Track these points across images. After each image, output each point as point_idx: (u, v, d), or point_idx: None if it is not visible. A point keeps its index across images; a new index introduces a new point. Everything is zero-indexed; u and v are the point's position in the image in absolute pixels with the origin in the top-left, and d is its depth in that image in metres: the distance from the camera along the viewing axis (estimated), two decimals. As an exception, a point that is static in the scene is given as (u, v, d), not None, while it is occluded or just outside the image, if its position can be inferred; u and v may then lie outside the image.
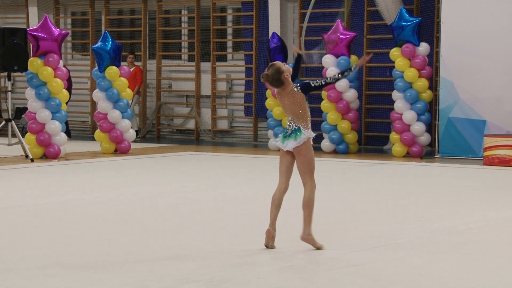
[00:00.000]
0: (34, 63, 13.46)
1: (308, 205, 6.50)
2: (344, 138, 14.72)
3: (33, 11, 18.62)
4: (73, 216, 8.11)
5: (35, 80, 13.46)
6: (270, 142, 15.32)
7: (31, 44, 13.72)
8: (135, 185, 10.42)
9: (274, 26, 16.56)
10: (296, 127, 6.59)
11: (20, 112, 17.11)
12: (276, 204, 6.54)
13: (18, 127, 13.65)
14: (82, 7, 18.87)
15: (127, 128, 14.53)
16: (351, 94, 14.63)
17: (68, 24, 19.22)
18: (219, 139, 17.40)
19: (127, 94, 14.63)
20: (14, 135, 13.48)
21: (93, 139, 15.15)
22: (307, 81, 6.64)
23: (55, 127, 13.42)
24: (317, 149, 15.02)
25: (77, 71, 18.33)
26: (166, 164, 13.05)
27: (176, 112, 18.21)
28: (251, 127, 17.34)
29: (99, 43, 14.45)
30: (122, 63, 14.89)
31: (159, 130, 18.20)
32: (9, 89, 13.89)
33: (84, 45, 18.99)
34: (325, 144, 14.82)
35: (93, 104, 17.30)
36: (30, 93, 13.54)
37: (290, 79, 6.59)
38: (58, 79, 13.54)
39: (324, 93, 14.78)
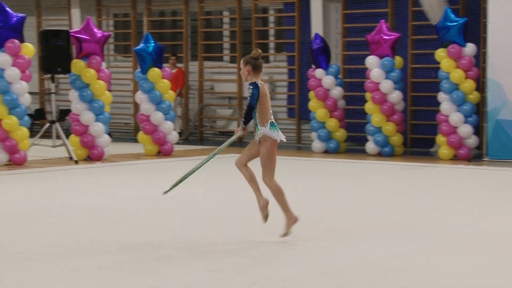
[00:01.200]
0: (77, 65, 13.64)
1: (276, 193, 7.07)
2: (389, 141, 14.65)
3: (75, 13, 18.85)
4: (117, 217, 8.19)
5: (78, 82, 13.64)
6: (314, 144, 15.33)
7: (74, 46, 13.90)
8: (177, 187, 10.47)
9: (316, 27, 16.56)
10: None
11: (64, 114, 17.33)
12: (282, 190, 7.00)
13: (62, 129, 13.82)
14: (124, 9, 19.06)
15: (170, 130, 14.64)
16: (395, 96, 14.56)
17: (110, 25, 19.43)
18: (262, 141, 17.41)
19: (170, 96, 14.75)
20: (58, 136, 13.67)
21: (136, 141, 15.29)
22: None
23: (98, 129, 13.58)
24: (362, 151, 15.01)
25: (120, 73, 18.52)
26: (208, 166, 13.09)
27: (218, 114, 18.29)
28: (294, 129, 17.34)
29: (141, 45, 14.58)
30: (164, 65, 15.01)
31: (202, 132, 18.29)
32: (53, 91, 14.09)
33: (126, 47, 19.17)
34: (370, 146, 14.77)
35: (136, 106, 17.46)
36: (73, 95, 13.72)
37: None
38: (101, 81, 13.70)
39: (368, 95, 14.74)
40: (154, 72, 14.46)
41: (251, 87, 6.84)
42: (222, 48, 18.45)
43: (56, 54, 13.52)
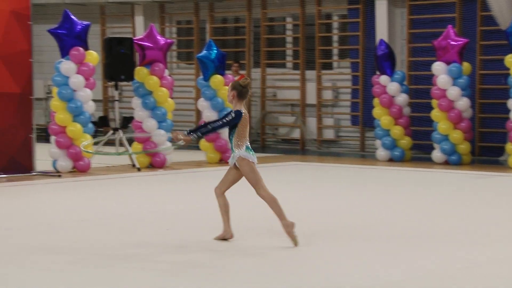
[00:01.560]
0: (141, 72, 13.73)
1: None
2: (456, 149, 14.36)
3: (139, 20, 19.04)
4: (179, 225, 8.18)
5: (142, 89, 13.73)
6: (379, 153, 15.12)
7: (137, 53, 14.00)
8: (238, 194, 10.43)
9: (381, 32, 16.36)
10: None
11: (127, 121, 17.48)
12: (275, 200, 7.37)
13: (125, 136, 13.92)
14: (187, 16, 19.17)
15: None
16: (463, 103, 14.27)
17: (173, 33, 19.56)
18: (325, 149, 17.30)
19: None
20: (121, 144, 13.77)
21: (198, 148, 15.33)
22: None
23: (161, 136, 13.62)
24: (428, 160, 14.74)
25: (182, 80, 18.61)
26: (271, 174, 13.03)
27: (281, 121, 18.22)
28: (358, 137, 17.16)
29: (204, 52, 14.62)
30: (226, 72, 15.01)
31: (264, 139, 18.24)
32: (116, 98, 14.21)
33: (189, 54, 19.27)
34: (436, 155, 14.49)
35: (198, 113, 17.51)
36: (136, 102, 13.82)
37: None
38: (164, 88, 13.77)
39: (434, 102, 14.47)
40: (217, 79, 14.48)
41: (233, 115, 7.26)
42: (285, 54, 18.39)
43: (120, 61, 13.64)
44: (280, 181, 12.20)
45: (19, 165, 12.10)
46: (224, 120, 7.30)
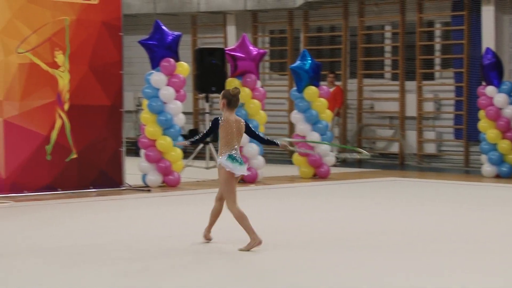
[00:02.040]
0: (232, 83, 13.89)
1: (218, 213, 8.10)
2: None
3: (231, 30, 19.31)
4: (270, 243, 8.24)
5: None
6: (484, 168, 14.87)
7: (229, 64, 14.21)
8: (331, 211, 10.46)
9: (488, 40, 16.11)
10: (240, 155, 7.88)
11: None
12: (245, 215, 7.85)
13: (215, 150, 14.13)
14: (281, 25, 19.32)
15: (327, 152, 14.65)
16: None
17: (266, 42, 19.74)
18: (426, 164, 17.11)
19: (327, 115, 14.76)
20: (212, 158, 13.97)
21: (291, 163, 15.40)
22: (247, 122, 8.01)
23: (252, 150, 13.78)
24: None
25: (275, 92, 18.75)
26: (367, 190, 13.00)
27: (378, 135, 18.12)
28: (461, 152, 16.91)
29: (298, 62, 14.69)
30: (321, 83, 15.05)
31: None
32: (207, 110, 14.44)
33: (282, 65, 19.41)
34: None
35: (291, 126, 17.59)
36: (227, 114, 13.96)
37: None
38: (256, 100, 13.90)
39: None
40: (311, 90, 14.53)
41: (211, 124, 7.89)
42: (383, 64, 18.31)
43: (211, 72, 13.87)
44: (377, 197, 12.15)
45: (108, 179, 12.45)
46: (205, 131, 8.06)
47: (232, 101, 7.90)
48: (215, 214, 8.11)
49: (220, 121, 7.85)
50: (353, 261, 7.33)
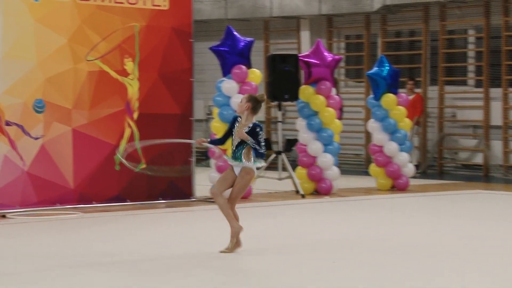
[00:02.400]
0: (306, 91, 13.91)
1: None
2: None
3: (305, 35, 19.31)
4: (347, 258, 8.21)
5: (306, 109, 13.90)
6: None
7: (302, 71, 14.20)
8: (412, 224, 10.35)
9: None
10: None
11: (290, 144, 17.72)
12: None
13: (288, 160, 14.15)
14: (357, 30, 19.24)
15: (405, 162, 14.50)
16: None
17: (341, 48, 19.68)
18: (512, 176, 16.83)
19: (406, 124, 14.63)
20: (284, 168, 13.98)
21: (367, 174, 15.29)
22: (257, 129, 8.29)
23: (327, 161, 13.74)
24: None
25: (350, 100, 18.66)
26: (449, 203, 12.83)
27: (461, 145, 17.87)
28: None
29: (375, 69, 14.61)
30: (400, 90, 14.92)
31: (442, 164, 17.94)
32: (280, 119, 14.46)
33: (358, 71, 19.31)
34: None
35: (368, 136, 17.47)
36: (301, 123, 14.00)
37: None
38: (331, 108, 13.87)
39: None
40: (389, 98, 14.42)
41: (259, 129, 8.24)
42: (466, 70, 18.06)
43: (284, 80, 13.87)
44: (460, 211, 11.98)
45: (178, 190, 12.56)
46: (261, 140, 8.26)
47: (257, 108, 8.29)
48: (227, 207, 8.37)
49: (237, 122, 8.29)
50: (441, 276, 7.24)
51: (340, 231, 9.97)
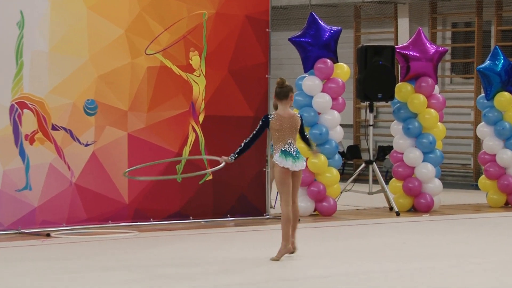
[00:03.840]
0: (403, 89, 13.79)
1: (296, 218, 9.27)
2: None
3: (403, 23, 19.15)
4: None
5: (403, 111, 13.78)
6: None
7: (399, 66, 14.09)
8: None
9: None
10: (297, 150, 9.11)
11: (383, 152, 17.61)
12: (292, 221, 9.15)
13: (381, 171, 14.05)
14: (467, 16, 19.01)
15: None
16: None
17: (447, 38, 19.47)
18: None
19: (525, 129, 14.42)
20: (376, 181, 13.89)
21: (477, 188, 15.08)
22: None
23: (427, 172, 13.60)
24: None
25: (457, 99, 18.45)
26: None
27: None
28: None
29: (487, 62, 14.47)
30: (517, 88, 14.71)
31: None
32: (371, 123, 14.37)
33: (468, 65, 19.07)
34: None
35: (478, 142, 17.22)
36: (396, 127, 13.88)
37: (291, 104, 9.24)
38: (433, 110, 13.73)
39: None
40: (504, 97, 14.26)
41: (260, 122, 9.21)
42: None
43: (377, 76, 13.79)
44: None
45: (249, 205, 12.57)
46: (254, 131, 9.15)
47: (277, 93, 9.14)
48: (289, 220, 9.11)
49: (270, 117, 9.08)
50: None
51: (442, 254, 9.83)
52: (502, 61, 14.37)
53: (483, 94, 14.60)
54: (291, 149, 9.06)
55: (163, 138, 12.02)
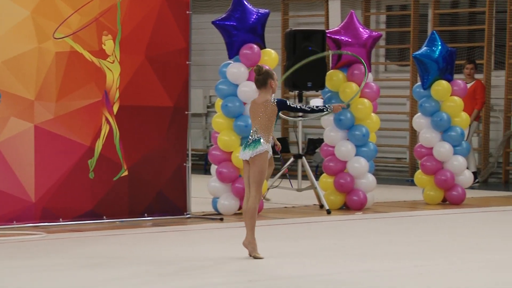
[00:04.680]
0: (334, 77, 13.87)
1: (252, 214, 9.43)
2: None
3: (334, 6, 19.25)
4: None
5: (335, 101, 13.85)
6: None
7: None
8: (471, 249, 10.30)
9: None
10: (257, 138, 9.41)
11: (313, 145, 17.70)
12: (249, 215, 9.43)
13: (311, 166, 14.12)
14: (401, -1, 19.20)
15: (461, 169, 14.44)
16: None
17: (381, 22, 19.64)
18: None
19: (462, 120, 14.57)
20: (305, 176, 13.95)
21: (412, 183, 15.24)
22: (284, 99, 9.79)
23: (360, 167, 13.69)
24: None
25: (392, 88, 18.63)
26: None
27: (533, 147, 17.81)
28: None
29: (424, 48, 14.58)
30: (456, 76, 14.86)
31: (508, 172, 17.86)
32: (300, 114, 14.43)
33: (403, 52, 19.25)
34: None
35: (414, 135, 17.41)
36: (327, 119, 13.94)
37: (272, 91, 9.50)
38: (366, 100, 13.82)
39: None
40: (441, 86, 14.39)
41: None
42: (542, 51, 17.99)
43: (307, 63, 13.83)
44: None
45: (168, 204, 12.53)
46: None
47: (255, 81, 9.52)
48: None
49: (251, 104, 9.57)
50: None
51: (375, 258, 9.92)
52: (439, 47, 14.48)
53: (419, 83, 14.71)
54: (250, 138, 9.48)
55: (74, 130, 11.94)
